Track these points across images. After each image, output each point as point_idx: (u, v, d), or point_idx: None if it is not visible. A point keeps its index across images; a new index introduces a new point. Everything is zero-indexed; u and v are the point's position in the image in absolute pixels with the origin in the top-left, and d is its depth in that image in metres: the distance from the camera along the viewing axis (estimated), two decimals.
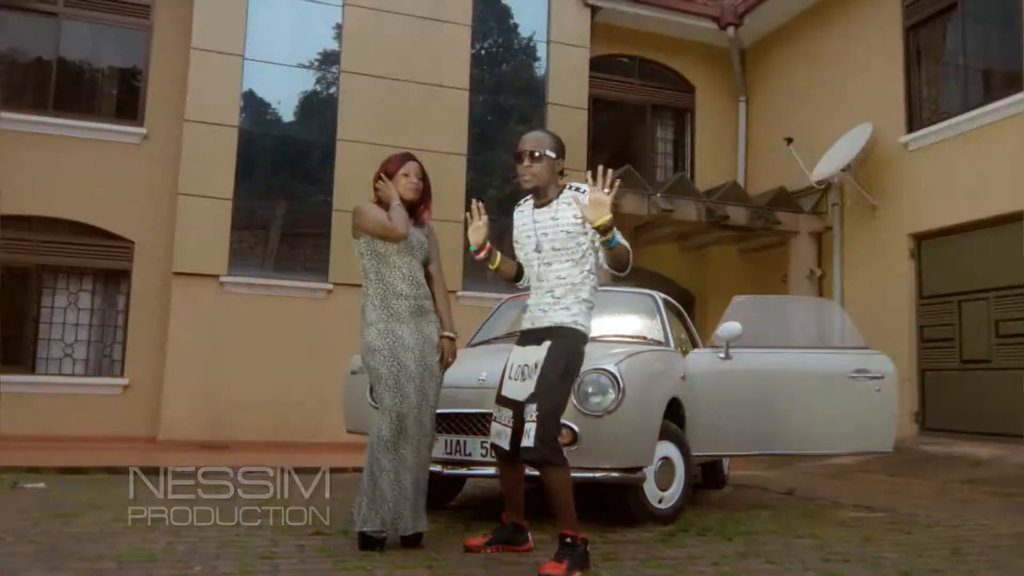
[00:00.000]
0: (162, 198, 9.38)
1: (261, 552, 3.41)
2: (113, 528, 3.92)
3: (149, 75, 9.72)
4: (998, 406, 7.99)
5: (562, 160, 3.45)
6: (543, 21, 10.86)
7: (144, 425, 9.02)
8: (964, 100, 8.70)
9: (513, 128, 10.86)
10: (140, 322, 9.31)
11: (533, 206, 3.48)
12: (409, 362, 3.56)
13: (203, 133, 9.28)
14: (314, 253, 9.81)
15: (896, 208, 9.24)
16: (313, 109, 10.12)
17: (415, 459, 3.54)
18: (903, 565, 3.40)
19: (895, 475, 7.18)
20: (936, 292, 8.84)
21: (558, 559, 3.08)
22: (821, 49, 10.53)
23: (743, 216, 9.86)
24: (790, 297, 8.10)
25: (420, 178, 3.76)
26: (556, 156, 3.42)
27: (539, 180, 3.41)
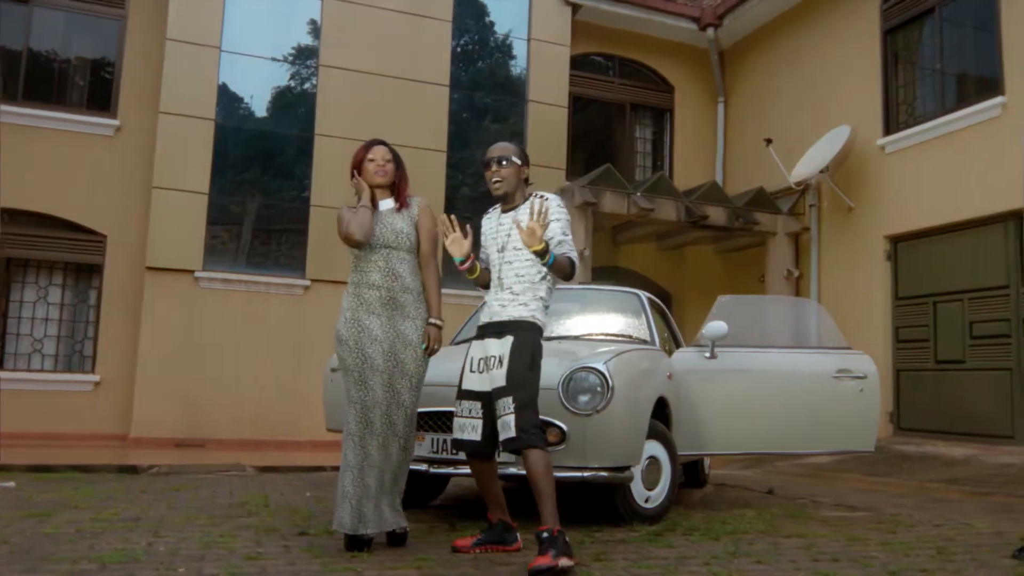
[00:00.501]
0: (135, 191, 9.21)
1: (246, 553, 3.33)
2: (90, 528, 3.82)
3: (123, 66, 9.52)
4: (972, 406, 8.11)
5: (527, 168, 3.65)
6: (524, 18, 10.82)
7: (115, 422, 8.85)
8: (940, 104, 8.81)
9: (493, 126, 10.83)
10: (112, 317, 9.13)
11: (501, 211, 3.68)
12: (376, 355, 3.48)
13: (178, 126, 9.11)
14: (291, 249, 9.68)
15: (873, 210, 9.34)
16: (291, 103, 9.99)
17: (381, 456, 3.45)
18: (892, 565, 3.41)
19: (872, 474, 7.25)
20: (911, 293, 8.94)
21: (542, 552, 3.12)
22: (800, 51, 10.61)
23: (722, 216, 9.90)
24: (774, 297, 8.16)
25: (387, 160, 3.69)
26: (521, 164, 3.62)
27: (507, 185, 3.59)
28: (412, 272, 3.65)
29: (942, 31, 8.87)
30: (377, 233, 3.61)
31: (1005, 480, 6.43)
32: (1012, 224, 7.93)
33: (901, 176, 9.04)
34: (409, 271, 3.64)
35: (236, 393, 8.97)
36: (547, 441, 3.90)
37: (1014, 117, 7.85)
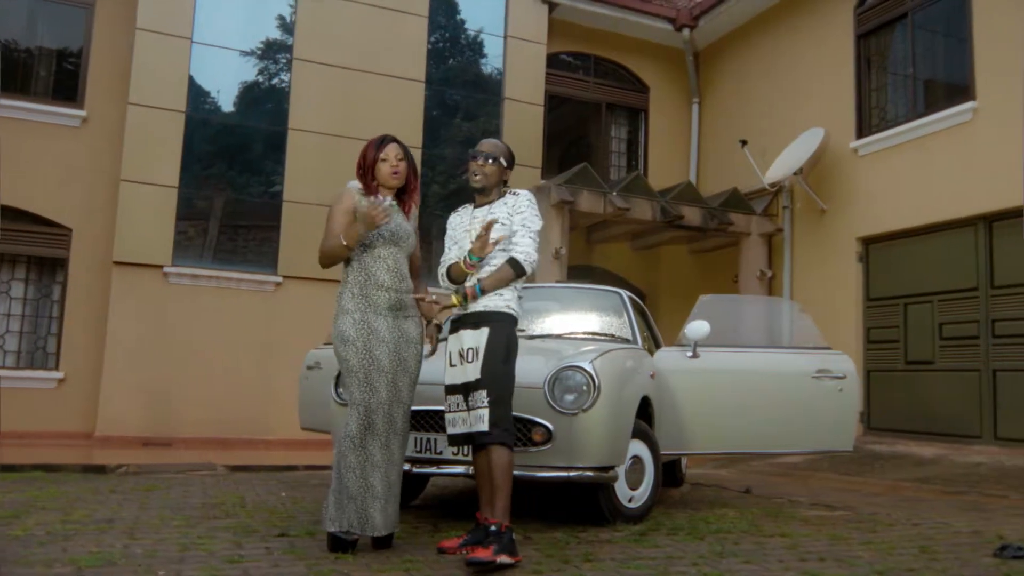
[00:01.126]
0: (102, 184, 9.00)
1: (226, 555, 3.24)
2: (62, 530, 3.70)
3: (90, 55, 9.30)
4: (941, 407, 8.23)
5: (510, 171, 3.70)
6: (500, 16, 10.76)
7: (80, 421, 8.65)
8: (913, 108, 8.92)
9: (468, 123, 10.76)
10: (77, 313, 8.91)
11: (474, 206, 3.71)
12: (382, 356, 3.44)
13: (147, 117, 8.92)
14: (263, 245, 9.53)
15: (845, 212, 9.44)
16: (264, 96, 9.83)
17: (383, 456, 3.41)
18: (878, 564, 3.42)
19: (845, 474, 7.32)
20: (882, 295, 9.05)
21: (485, 546, 3.17)
22: (774, 54, 10.69)
23: (697, 216, 9.94)
24: (755, 297, 8.21)
25: (400, 159, 3.61)
26: (507, 166, 3.67)
27: (487, 181, 3.64)
28: (409, 273, 3.63)
29: (914, 36, 8.99)
30: (392, 230, 3.53)
31: (976, 479, 6.53)
32: (982, 227, 8.06)
33: (873, 179, 9.14)
34: (408, 272, 3.61)
35: (205, 391, 8.80)
36: (533, 441, 3.93)
37: (985, 122, 7.98)
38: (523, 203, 3.60)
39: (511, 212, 3.58)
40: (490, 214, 3.60)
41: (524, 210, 3.57)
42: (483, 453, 3.37)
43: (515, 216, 3.55)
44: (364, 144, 3.69)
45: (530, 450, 3.97)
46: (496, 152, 3.63)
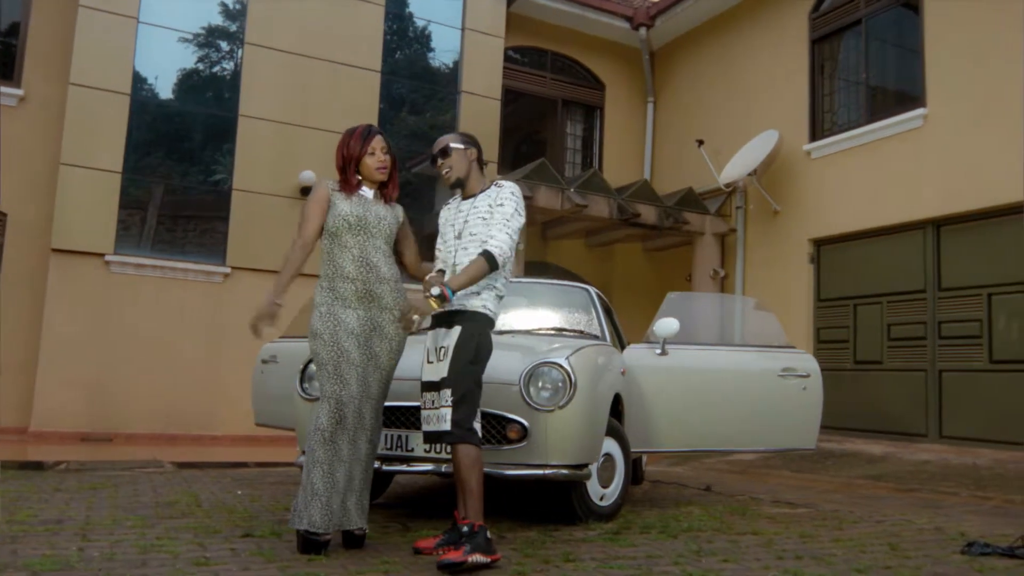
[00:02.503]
0: (40, 167, 8.58)
1: (192, 557, 3.07)
2: (9, 531, 3.47)
3: (28, 31, 8.85)
4: (889, 406, 8.41)
5: (474, 149, 3.60)
6: (458, 8, 10.62)
7: (14, 414, 8.24)
8: (865, 113, 9.10)
9: (423, 115, 10.61)
10: (11, 302, 8.47)
11: (460, 199, 3.63)
12: (351, 348, 3.33)
13: (90, 99, 8.53)
14: (211, 234, 9.21)
15: (798, 213, 9.58)
16: (214, 81, 9.51)
17: (350, 452, 3.31)
18: (854, 562, 3.43)
19: (799, 471, 7.41)
20: (833, 295, 9.22)
21: (456, 546, 3.12)
22: (730, 55, 10.79)
23: (653, 215, 9.97)
24: (721, 295, 8.26)
25: (386, 152, 3.52)
26: (465, 146, 3.57)
27: (457, 171, 3.56)
28: (387, 262, 3.49)
29: (868, 43, 9.16)
30: (357, 216, 3.42)
31: (925, 477, 6.68)
32: (930, 231, 8.26)
33: (825, 181, 9.30)
34: (384, 260, 3.47)
35: (148, 384, 8.48)
36: (508, 438, 3.85)
37: (934, 129, 8.17)
38: (505, 195, 3.50)
39: (492, 205, 3.48)
40: (473, 208, 3.53)
41: (505, 203, 3.47)
42: (452, 451, 3.28)
43: (496, 209, 3.45)
44: (342, 135, 3.56)
45: (504, 448, 3.88)
46: (445, 142, 3.58)
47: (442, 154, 3.56)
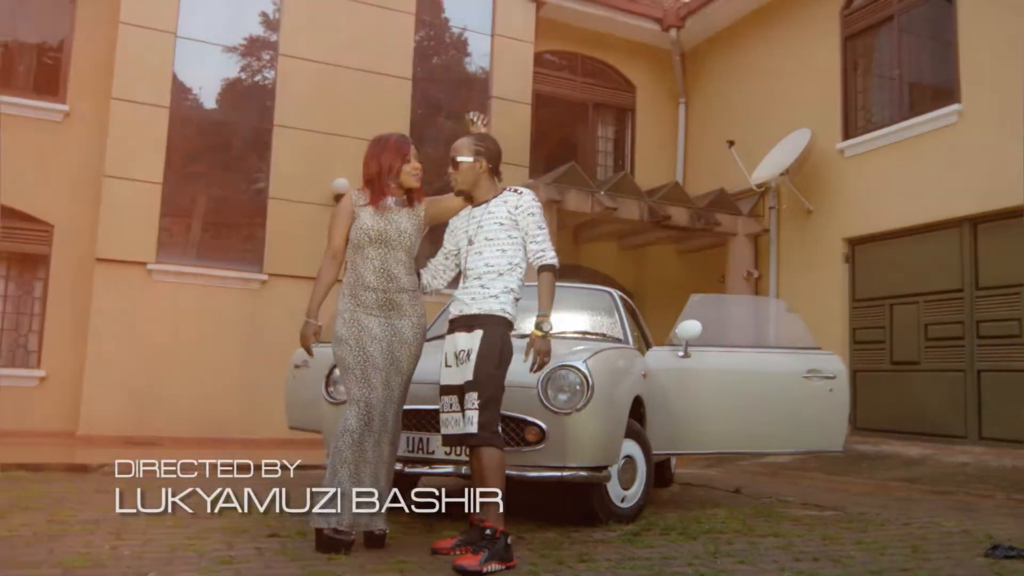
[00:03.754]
0: (85, 180, 8.87)
1: (218, 556, 3.20)
2: (48, 530, 3.64)
3: (73, 49, 9.17)
4: (927, 407, 8.29)
5: (484, 161, 3.61)
6: (487, 14, 10.73)
7: (62, 419, 8.52)
8: (898, 110, 8.98)
9: (455, 121, 10.72)
10: (59, 310, 8.79)
11: (472, 206, 3.68)
12: (376, 353, 3.44)
13: (131, 113, 8.81)
14: (248, 242, 9.44)
15: (831, 213, 9.48)
16: (249, 92, 9.75)
17: (375, 453, 3.41)
18: (871, 564, 3.43)
19: (832, 473, 7.35)
20: (868, 295, 9.11)
21: (474, 550, 3.16)
22: (761, 54, 10.72)
23: (684, 216, 9.95)
24: (745, 296, 8.23)
25: (418, 158, 3.64)
26: (474, 158, 3.60)
27: (464, 183, 3.63)
28: (407, 272, 3.58)
29: (901, 39, 9.04)
30: (379, 230, 3.51)
31: (963, 479, 6.58)
32: (967, 229, 8.12)
33: (859, 180, 9.19)
34: (404, 271, 3.56)
35: (190, 389, 8.71)
36: (527, 440, 3.91)
37: (970, 124, 8.03)
38: (530, 204, 3.56)
39: (512, 211, 3.54)
40: (488, 214, 3.58)
41: (535, 212, 3.55)
42: (474, 454, 3.34)
43: (527, 219, 3.52)
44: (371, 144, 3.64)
45: (523, 450, 3.95)
46: (456, 152, 3.62)
47: (452, 164, 3.65)
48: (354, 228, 3.54)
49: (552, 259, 3.50)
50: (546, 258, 3.49)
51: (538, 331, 3.37)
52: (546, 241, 3.52)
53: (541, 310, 3.41)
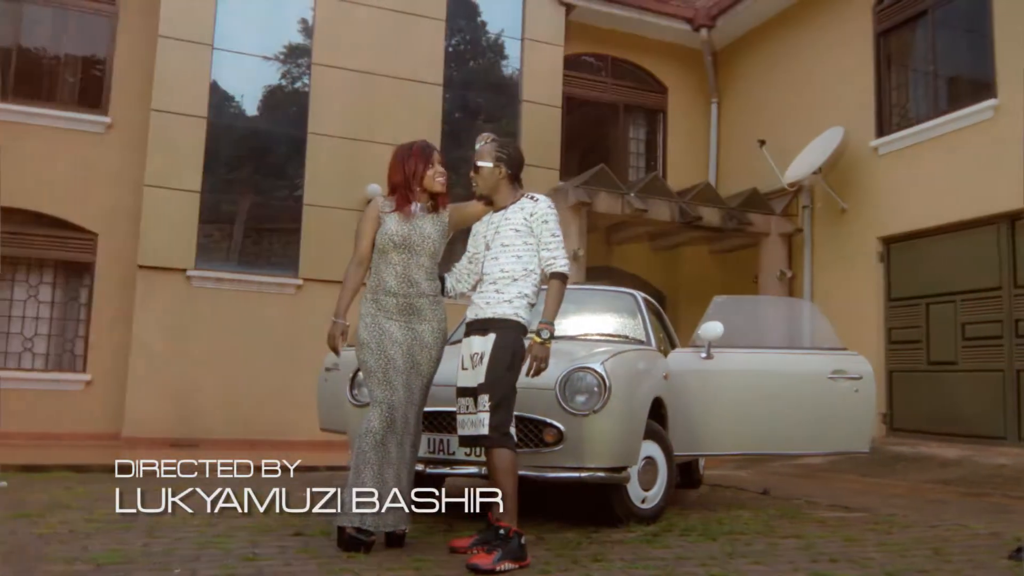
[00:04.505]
0: (127, 189, 9.14)
1: (242, 553, 3.31)
2: (84, 528, 3.79)
3: (114, 62, 9.47)
4: (965, 407, 8.14)
5: (504, 168, 3.68)
6: (517, 18, 10.81)
7: (108, 422, 8.80)
8: (934, 106, 8.84)
9: (486, 125, 10.80)
10: (103, 316, 9.07)
11: (492, 212, 3.75)
12: (396, 356, 3.52)
13: (170, 123, 9.06)
14: (284, 248, 9.64)
15: (866, 211, 9.37)
16: (284, 101, 9.95)
17: (398, 454, 3.49)
18: (889, 566, 3.42)
19: (866, 475, 7.27)
20: (904, 295, 8.98)
21: (488, 550, 3.22)
22: (793, 53, 10.63)
23: (716, 217, 9.91)
24: (769, 297, 8.17)
25: (443, 163, 3.72)
26: (494, 164, 3.67)
27: (483, 188, 3.73)
28: (428, 277, 3.65)
29: (935, 33, 8.90)
30: (403, 236, 3.60)
31: (1000, 481, 6.46)
32: (1004, 226, 7.97)
33: (894, 178, 9.06)
34: (425, 277, 3.64)
35: (229, 392, 8.93)
36: (545, 442, 3.97)
37: (1007, 119, 7.88)
38: (545, 211, 3.60)
39: (528, 218, 3.60)
40: (505, 220, 3.65)
41: (549, 219, 3.60)
42: (488, 455, 3.41)
43: (541, 226, 3.57)
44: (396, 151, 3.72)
45: (542, 451, 4.00)
46: (478, 157, 3.70)
47: (474, 168, 3.74)
48: (379, 233, 3.63)
49: (562, 267, 3.54)
50: (556, 265, 3.54)
51: (537, 337, 3.42)
52: (558, 248, 3.57)
53: (544, 317, 3.46)
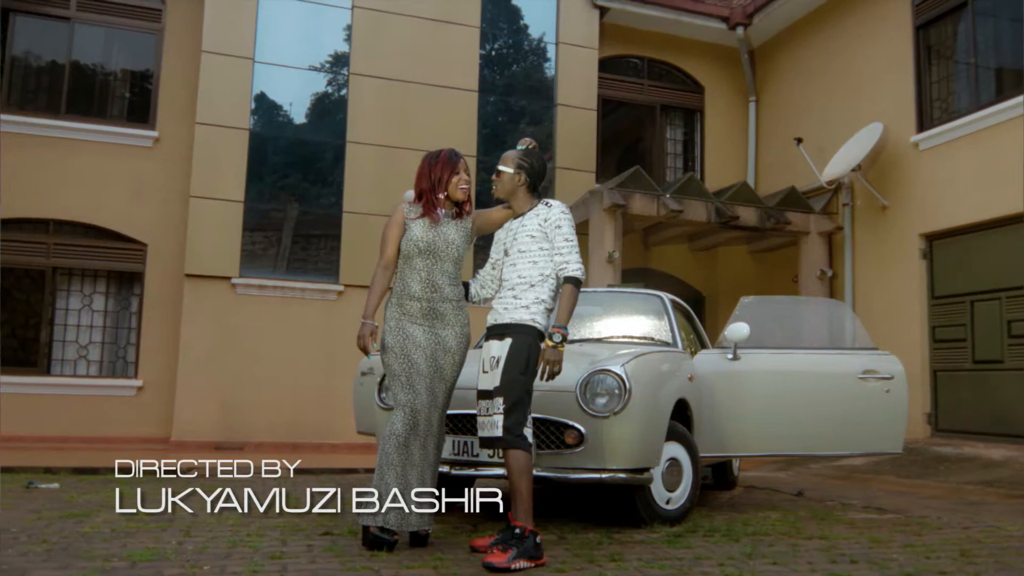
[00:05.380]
0: (174, 200, 9.46)
1: (270, 552, 3.44)
2: (125, 527, 3.96)
3: (160, 78, 9.80)
4: (1011, 407, 7.95)
5: (524, 175, 3.78)
6: (552, 22, 10.88)
7: (158, 426, 9.10)
8: (975, 99, 8.65)
9: (522, 130, 10.90)
10: (153, 324, 9.39)
11: (512, 218, 3.86)
12: (420, 360, 3.61)
13: (214, 136, 9.35)
14: (325, 255, 9.86)
15: (907, 208, 9.20)
16: (323, 111, 10.18)
17: (421, 456, 3.59)
18: (910, 567, 3.39)
19: (906, 476, 7.15)
20: (948, 292, 8.79)
21: (503, 548, 3.30)
22: (831, 48, 10.50)
23: (753, 216, 9.83)
24: (797, 298, 8.07)
25: (467, 171, 3.81)
26: (515, 170, 3.77)
27: (500, 192, 3.84)
28: (452, 282, 3.74)
29: (975, 25, 8.71)
30: (428, 242, 3.69)
31: None
32: None
33: (936, 173, 8.89)
34: (449, 282, 3.72)
35: (273, 396, 9.16)
36: (566, 443, 4.03)
37: None
38: (559, 216, 3.67)
39: (542, 224, 3.68)
40: (522, 227, 3.74)
41: (563, 224, 3.67)
42: (504, 456, 3.49)
43: (555, 231, 3.65)
44: (423, 159, 3.81)
45: (563, 452, 4.06)
46: (502, 163, 3.80)
47: (495, 172, 3.85)
48: (405, 239, 3.72)
49: (575, 271, 3.60)
50: (569, 270, 3.60)
51: (550, 341, 3.49)
52: (571, 253, 3.63)
53: (557, 321, 3.53)
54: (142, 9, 9.79)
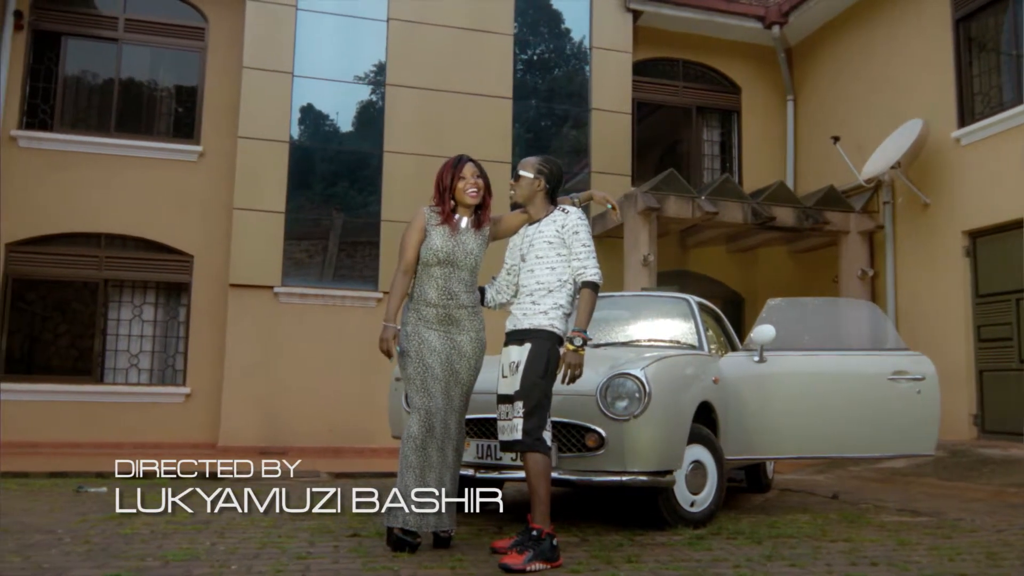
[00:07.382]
0: (218, 213, 9.74)
1: (297, 552, 3.57)
2: (164, 529, 4.13)
3: (204, 94, 10.11)
4: None
5: (543, 181, 3.82)
6: (585, 27, 10.93)
7: (205, 432, 9.38)
8: (1017, 92, 8.45)
9: (557, 134, 10.97)
10: (200, 332, 9.68)
11: (528, 224, 3.91)
12: (435, 364, 3.69)
13: (256, 149, 9.61)
14: (364, 263, 10.05)
15: (949, 205, 9.03)
16: (360, 122, 10.38)
17: (439, 458, 3.66)
18: (930, 570, 3.38)
19: (948, 479, 7.02)
20: (993, 290, 8.59)
21: (520, 550, 3.35)
22: (868, 44, 10.35)
23: (790, 217, 9.73)
24: (826, 299, 7.94)
25: (477, 176, 3.83)
26: (534, 176, 3.82)
27: (519, 197, 3.88)
28: (468, 289, 3.82)
29: (1017, 16, 8.51)
30: (447, 252, 3.77)
31: None
32: None
33: (978, 169, 8.71)
34: (465, 289, 3.80)
35: (315, 402, 9.37)
36: (587, 446, 4.08)
37: None
38: (576, 223, 3.72)
39: (559, 230, 3.73)
40: (539, 232, 3.80)
41: (580, 230, 3.72)
42: (522, 459, 3.56)
43: (572, 237, 3.70)
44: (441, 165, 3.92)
45: (585, 455, 4.12)
46: (521, 168, 3.85)
47: (513, 177, 3.91)
48: (424, 247, 3.80)
49: (592, 276, 3.65)
50: (587, 274, 3.66)
51: (571, 345, 3.54)
52: (589, 258, 3.68)
53: (577, 325, 3.58)
54: (186, 28, 10.12)
